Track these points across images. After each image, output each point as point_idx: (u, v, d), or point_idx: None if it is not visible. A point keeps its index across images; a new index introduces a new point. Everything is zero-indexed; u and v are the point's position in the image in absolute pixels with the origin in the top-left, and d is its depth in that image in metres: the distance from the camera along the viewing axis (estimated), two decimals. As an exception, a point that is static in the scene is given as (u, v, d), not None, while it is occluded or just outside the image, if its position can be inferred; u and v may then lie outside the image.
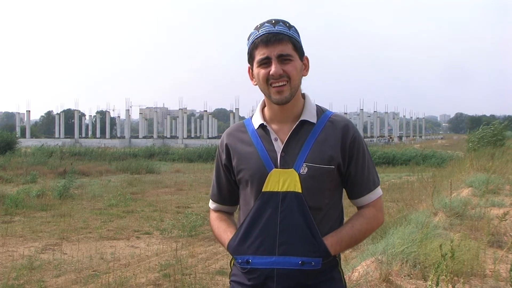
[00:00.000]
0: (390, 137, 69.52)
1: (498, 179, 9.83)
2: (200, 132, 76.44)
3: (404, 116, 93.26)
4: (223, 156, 1.83)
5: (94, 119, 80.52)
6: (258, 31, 1.69)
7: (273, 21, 1.69)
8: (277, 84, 1.67)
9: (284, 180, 1.66)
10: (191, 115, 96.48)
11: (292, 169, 1.66)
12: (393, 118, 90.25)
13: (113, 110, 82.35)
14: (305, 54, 1.76)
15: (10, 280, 5.83)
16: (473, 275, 4.04)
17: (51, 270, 6.53)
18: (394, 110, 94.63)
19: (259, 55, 1.68)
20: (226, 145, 1.81)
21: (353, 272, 4.23)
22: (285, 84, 1.67)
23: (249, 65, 1.76)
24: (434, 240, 4.43)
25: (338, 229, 1.71)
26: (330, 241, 1.66)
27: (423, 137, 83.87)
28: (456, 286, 2.98)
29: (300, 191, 1.65)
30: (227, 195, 1.89)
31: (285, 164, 1.68)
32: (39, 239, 8.50)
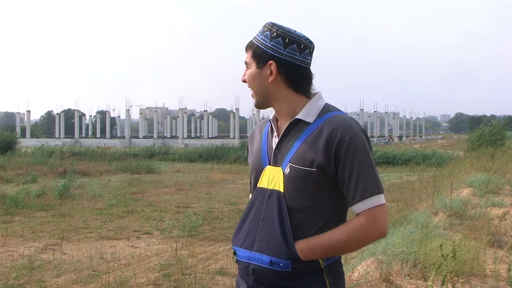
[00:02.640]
0: (390, 137, 69.48)
1: (498, 179, 9.85)
2: (200, 132, 76.42)
3: (404, 116, 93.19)
4: (248, 150, 1.94)
5: (94, 119, 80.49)
6: None
7: (265, 26, 1.75)
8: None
9: (272, 178, 1.69)
10: (191, 115, 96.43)
11: (280, 167, 1.69)
12: (393, 118, 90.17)
13: (113, 110, 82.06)
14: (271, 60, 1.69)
15: (10, 280, 5.83)
16: (473, 275, 4.04)
17: (51, 270, 6.54)
18: (394, 110, 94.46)
19: None
20: (250, 140, 1.92)
21: (353, 272, 4.23)
22: (252, 91, 1.77)
23: None
24: (434, 240, 4.44)
25: (317, 235, 1.63)
26: (301, 246, 1.61)
27: (423, 137, 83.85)
28: (456, 286, 2.98)
29: (282, 190, 1.66)
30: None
31: (276, 162, 1.71)
32: (39, 239, 8.50)
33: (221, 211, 11.33)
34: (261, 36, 1.71)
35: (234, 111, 60.20)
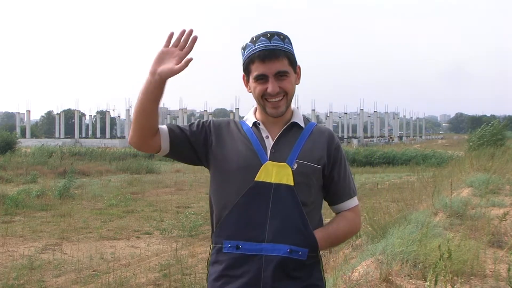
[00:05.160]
0: (390, 137, 69.49)
1: (498, 179, 9.83)
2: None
3: (404, 116, 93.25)
4: (210, 134, 1.80)
5: (94, 119, 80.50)
6: (254, 46, 1.72)
7: (269, 35, 1.71)
8: (273, 100, 1.74)
9: (277, 173, 1.72)
10: (191, 115, 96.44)
11: (285, 163, 1.73)
12: (393, 118, 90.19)
13: (113, 110, 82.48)
14: (298, 63, 1.82)
15: (10, 280, 5.83)
16: (473, 275, 4.04)
17: (51, 270, 6.54)
18: (394, 110, 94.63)
19: (256, 71, 1.72)
20: (215, 128, 1.81)
21: (353, 272, 4.22)
22: (282, 99, 1.75)
23: (244, 73, 1.81)
24: (434, 240, 4.43)
25: (325, 226, 1.80)
26: (320, 235, 1.74)
27: (423, 137, 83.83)
28: (456, 286, 2.99)
29: (292, 184, 1.71)
30: (175, 140, 1.77)
31: (276, 159, 1.74)
32: (39, 239, 8.51)
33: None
34: (284, 44, 1.73)
35: (234, 111, 60.18)
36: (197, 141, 1.80)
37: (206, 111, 64.96)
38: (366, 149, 34.08)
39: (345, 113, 76.87)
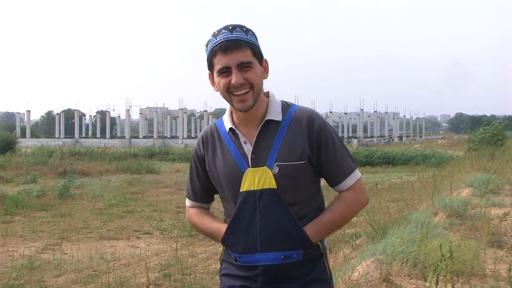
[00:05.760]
0: (390, 137, 69.46)
1: (498, 179, 9.82)
2: (200, 132, 76.31)
3: (404, 116, 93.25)
4: (201, 155, 1.86)
5: (94, 119, 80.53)
6: (216, 38, 1.67)
7: (230, 27, 1.67)
8: (239, 93, 1.67)
9: (259, 178, 1.68)
10: (191, 115, 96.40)
11: (265, 166, 1.69)
12: (393, 118, 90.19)
13: (113, 110, 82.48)
14: (264, 57, 1.76)
15: (11, 280, 5.83)
16: (473, 275, 4.03)
17: (51, 270, 6.54)
18: (394, 110, 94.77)
19: (218, 64, 1.67)
20: (203, 145, 1.84)
21: (353, 272, 4.22)
22: (248, 92, 1.67)
23: (209, 71, 1.75)
24: (434, 240, 4.43)
25: (319, 217, 1.74)
26: (310, 231, 1.70)
27: (423, 137, 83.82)
28: (456, 286, 2.99)
29: (275, 187, 1.68)
30: (202, 193, 1.92)
31: (256, 165, 1.70)
32: (39, 239, 8.51)
33: (221, 210, 11.31)
34: (247, 36, 1.67)
35: (234, 111, 60.10)
36: (206, 175, 1.86)
37: (206, 111, 64.94)
38: (366, 149, 34.09)
39: (345, 113, 76.87)
